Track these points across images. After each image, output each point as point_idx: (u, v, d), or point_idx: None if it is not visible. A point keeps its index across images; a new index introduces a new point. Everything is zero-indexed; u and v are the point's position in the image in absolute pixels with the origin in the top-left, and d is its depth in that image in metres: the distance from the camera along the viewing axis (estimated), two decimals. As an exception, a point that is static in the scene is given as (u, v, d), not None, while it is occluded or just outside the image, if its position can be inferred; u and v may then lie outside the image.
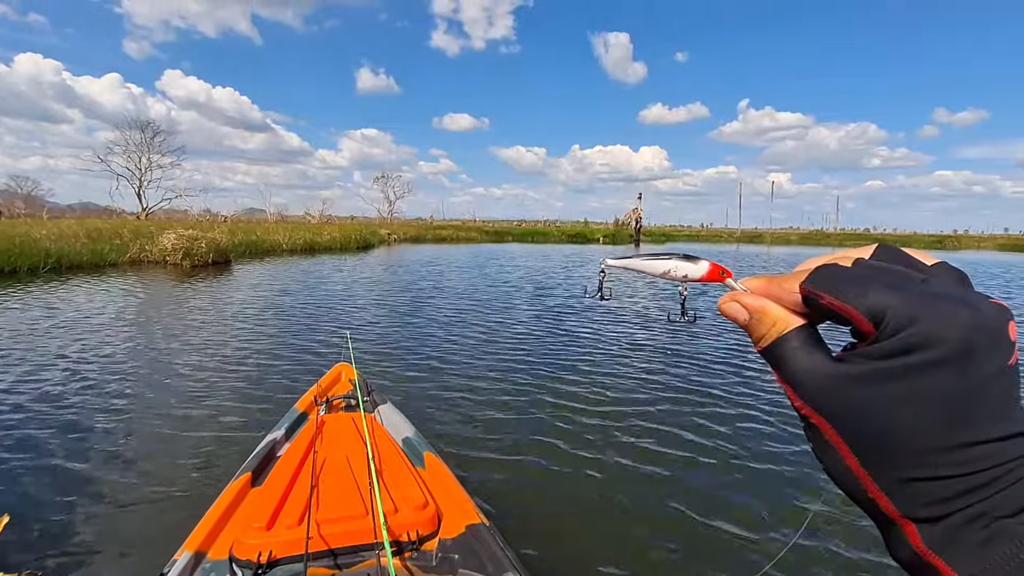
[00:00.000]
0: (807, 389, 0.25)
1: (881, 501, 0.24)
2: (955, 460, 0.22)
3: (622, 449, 3.43)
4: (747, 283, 0.30)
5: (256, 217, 47.36)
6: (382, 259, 19.97)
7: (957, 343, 0.22)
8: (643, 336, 7.15)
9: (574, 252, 27.36)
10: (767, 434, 3.67)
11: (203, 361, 5.27)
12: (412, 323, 7.57)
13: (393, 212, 56.17)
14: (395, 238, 33.17)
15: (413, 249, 26.89)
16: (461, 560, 1.58)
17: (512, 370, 5.24)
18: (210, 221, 27.50)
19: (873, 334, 0.23)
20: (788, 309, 0.27)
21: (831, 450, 0.25)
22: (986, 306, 0.23)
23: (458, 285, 12.12)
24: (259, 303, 8.93)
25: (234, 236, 18.98)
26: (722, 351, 6.15)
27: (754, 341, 0.28)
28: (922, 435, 0.22)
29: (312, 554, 1.49)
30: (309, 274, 13.86)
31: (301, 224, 33.50)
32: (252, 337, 6.38)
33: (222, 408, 4.01)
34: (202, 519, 1.68)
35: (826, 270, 0.26)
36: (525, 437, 3.61)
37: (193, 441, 3.43)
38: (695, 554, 2.38)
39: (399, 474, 1.92)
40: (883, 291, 0.23)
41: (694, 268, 0.33)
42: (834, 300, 0.24)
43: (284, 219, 44.33)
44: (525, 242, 38.56)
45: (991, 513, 0.22)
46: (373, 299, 9.72)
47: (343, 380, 2.99)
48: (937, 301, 0.23)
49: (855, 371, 0.24)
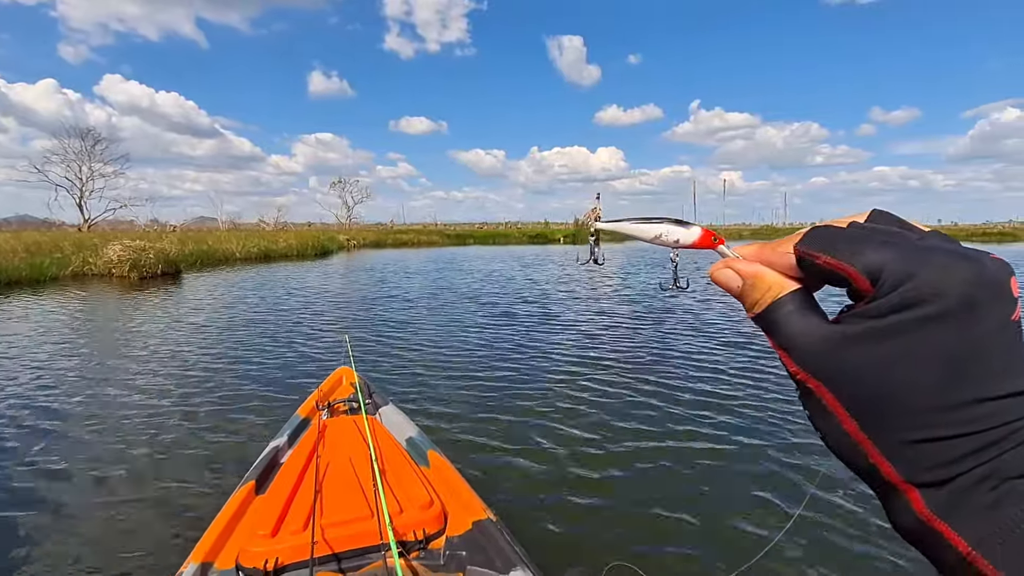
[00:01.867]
0: (802, 353, 0.25)
1: (882, 466, 0.23)
2: (958, 419, 0.21)
3: (627, 440, 3.46)
4: (740, 249, 0.29)
5: (207, 226, 45.65)
6: (343, 265, 19.69)
7: (957, 297, 0.21)
8: (640, 314, 7.34)
9: (540, 252, 27.63)
10: (765, 417, 3.78)
11: (162, 374, 5.15)
12: (386, 323, 7.56)
13: (352, 218, 55.35)
14: (355, 244, 32.65)
15: (374, 254, 26.57)
16: (469, 557, 1.57)
17: (507, 362, 5.33)
18: (158, 231, 26.40)
19: (870, 293, 0.23)
20: (782, 274, 0.27)
21: (828, 416, 0.24)
22: (986, 259, 0.22)
23: (434, 286, 12.12)
24: (219, 314, 8.71)
25: (184, 246, 18.34)
26: (719, 326, 6.35)
27: (747, 308, 0.28)
28: (923, 394, 0.22)
29: (318, 559, 1.48)
30: (265, 282, 13.55)
31: (255, 232, 32.52)
32: (217, 348, 6.25)
33: (222, 418, 3.98)
34: (207, 529, 1.67)
35: (821, 231, 0.25)
36: (530, 431, 3.65)
37: (194, 453, 3.40)
38: (701, 544, 2.40)
39: (403, 474, 1.92)
40: (879, 248, 0.23)
41: (685, 233, 0.32)
42: (830, 259, 0.24)
43: (237, 227, 42.94)
44: (487, 244, 38.68)
45: (998, 474, 0.21)
46: (350, 300, 9.66)
47: (344, 384, 2.98)
48: (935, 255, 0.22)
49: (851, 331, 0.23)
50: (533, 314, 8.44)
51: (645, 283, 10.39)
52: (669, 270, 0.36)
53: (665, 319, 7.15)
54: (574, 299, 10.07)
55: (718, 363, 5.17)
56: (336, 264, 20.24)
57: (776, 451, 3.25)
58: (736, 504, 2.70)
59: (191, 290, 12.12)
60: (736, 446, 3.35)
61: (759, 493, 2.79)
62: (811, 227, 0.26)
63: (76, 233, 25.06)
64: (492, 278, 14.32)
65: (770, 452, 3.24)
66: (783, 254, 0.26)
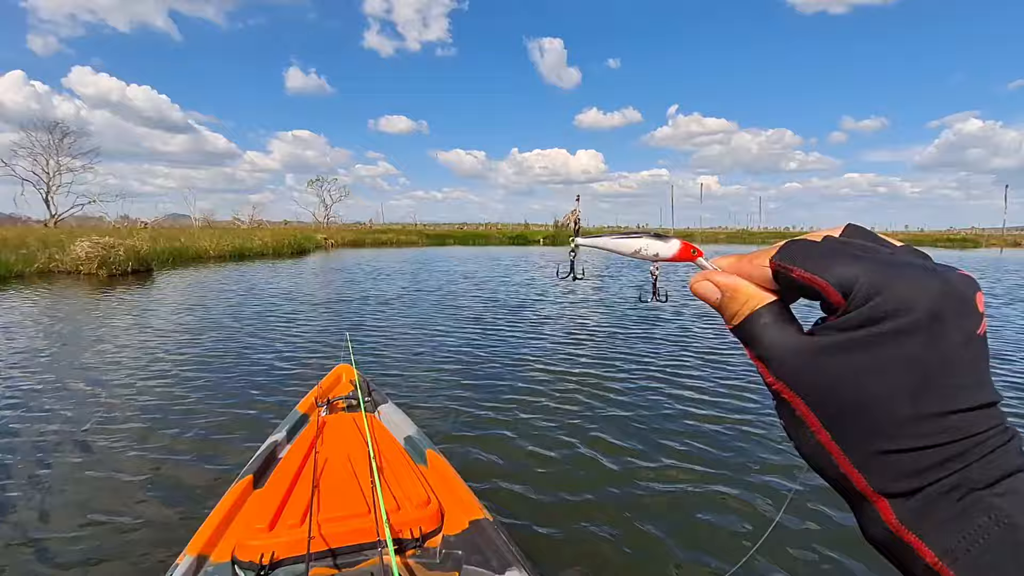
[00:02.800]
0: (778, 364, 0.25)
1: (853, 476, 0.24)
2: (926, 431, 0.22)
3: (625, 443, 3.52)
4: (718, 262, 0.30)
5: (180, 223, 44.67)
6: (321, 264, 19.48)
7: (925, 311, 0.22)
8: (625, 323, 7.50)
9: (521, 253, 27.74)
10: (750, 422, 3.85)
11: (158, 370, 5.10)
12: (375, 321, 7.52)
13: (330, 216, 54.64)
14: (332, 243, 32.26)
15: (352, 253, 26.31)
16: (465, 556, 1.57)
17: (508, 365, 5.38)
18: (128, 228, 25.75)
19: (843, 305, 0.23)
20: (759, 286, 0.27)
21: (802, 426, 0.25)
22: (954, 275, 0.23)
23: (421, 285, 12.08)
24: (199, 312, 8.56)
25: (156, 243, 17.94)
26: (698, 333, 6.53)
27: (726, 320, 0.28)
28: (893, 405, 0.22)
29: (314, 554, 1.48)
30: (243, 280, 13.32)
31: (230, 229, 31.93)
32: (203, 346, 6.17)
33: (217, 414, 3.98)
34: (204, 522, 1.67)
35: (795, 244, 0.26)
36: (528, 432, 3.69)
37: (190, 448, 3.39)
38: (695, 544, 2.46)
39: (401, 472, 1.93)
40: (851, 262, 0.23)
41: (665, 247, 0.33)
42: (804, 272, 0.24)
43: (211, 224, 42.08)
44: (467, 245, 38.59)
45: (965, 485, 0.22)
46: (334, 298, 9.61)
47: (344, 381, 2.98)
48: (905, 270, 0.22)
49: (825, 343, 0.24)
50: (529, 317, 8.50)
51: (625, 294, 10.56)
52: (648, 282, 0.37)
53: (650, 328, 7.32)
54: (568, 305, 10.22)
55: (705, 370, 5.25)
56: (314, 263, 20.00)
57: (758, 457, 3.31)
58: (725, 507, 2.75)
59: (166, 288, 11.85)
60: (722, 452, 3.41)
61: (744, 497, 2.84)
62: (787, 241, 0.26)
63: (42, 229, 24.29)
64: (481, 280, 14.36)
65: (753, 457, 3.30)
66: (759, 267, 0.27)
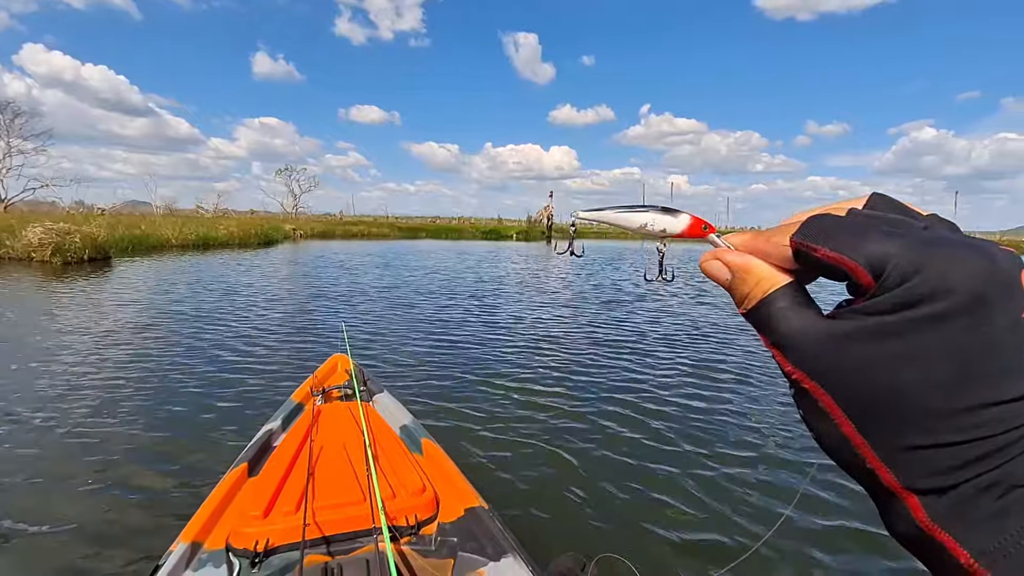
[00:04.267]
0: (797, 351, 0.23)
1: (881, 472, 0.22)
2: (964, 424, 0.20)
3: (620, 430, 3.55)
4: (731, 239, 0.28)
5: (140, 210, 42.96)
6: (290, 255, 19.05)
7: (967, 294, 0.20)
8: (628, 306, 7.49)
9: (496, 247, 27.73)
10: (757, 411, 3.90)
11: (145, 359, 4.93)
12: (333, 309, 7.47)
13: (298, 207, 53.46)
14: (301, 234, 31.60)
15: (321, 245, 25.84)
16: (460, 543, 1.58)
17: (504, 354, 5.42)
18: (84, 214, 24.63)
19: (873, 287, 0.21)
20: (775, 266, 0.25)
21: (825, 418, 0.23)
22: (998, 252, 0.21)
23: (401, 278, 11.98)
24: (158, 302, 8.29)
25: (114, 230, 17.23)
26: (707, 320, 6.63)
27: (737, 302, 0.27)
28: (927, 397, 0.20)
29: (309, 541, 1.48)
30: (209, 269, 12.94)
31: (194, 218, 30.91)
32: (171, 336, 5.98)
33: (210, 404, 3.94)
34: (198, 510, 1.66)
35: (819, 220, 0.24)
36: (525, 420, 3.72)
37: (183, 437, 3.36)
38: (689, 534, 2.45)
39: (396, 460, 1.93)
40: (883, 239, 0.21)
41: (673, 222, 0.31)
42: (829, 252, 0.22)
43: (173, 212, 40.65)
44: (440, 239, 38.31)
45: (1005, 482, 0.20)
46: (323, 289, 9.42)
47: (339, 370, 2.99)
48: (944, 248, 0.21)
49: (852, 328, 0.22)
50: (525, 307, 8.51)
51: (630, 274, 10.61)
52: (655, 259, 0.35)
53: (652, 311, 7.32)
54: (563, 291, 10.25)
55: (711, 357, 5.27)
56: (284, 254, 19.55)
57: (767, 446, 3.29)
58: (726, 499, 2.75)
59: (130, 277, 11.41)
60: (727, 441, 3.41)
61: (749, 489, 2.82)
62: (809, 216, 0.24)
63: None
64: (466, 272, 14.29)
65: (761, 447, 3.29)
66: (778, 245, 0.25)
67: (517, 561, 1.51)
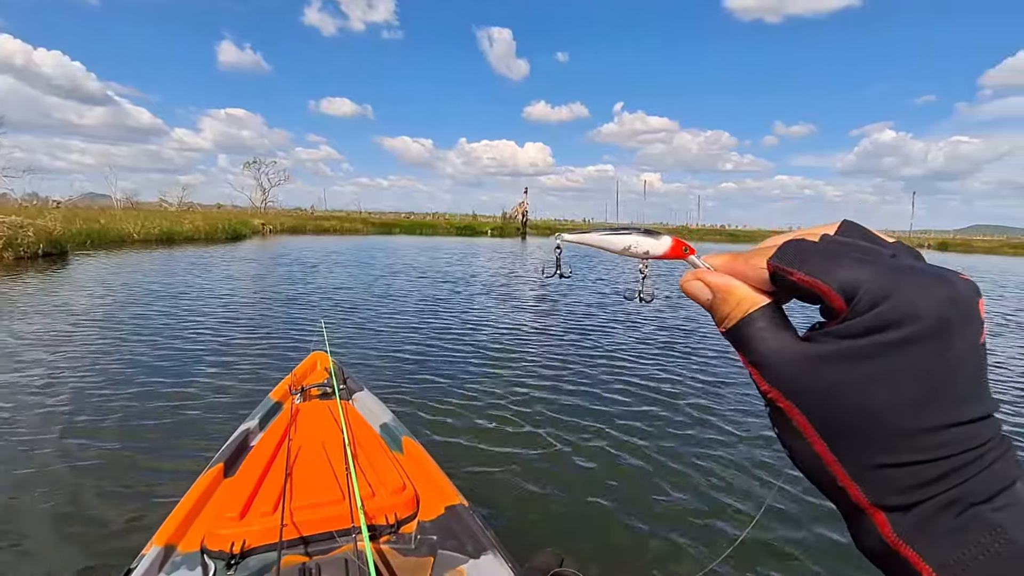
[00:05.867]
0: (774, 371, 0.24)
1: (851, 489, 0.23)
2: (929, 444, 0.21)
3: (596, 430, 3.58)
4: (710, 260, 0.29)
5: (99, 203, 41.12)
6: (258, 250, 18.54)
7: (933, 319, 0.21)
8: (608, 318, 7.62)
9: (471, 243, 27.57)
10: (728, 416, 3.92)
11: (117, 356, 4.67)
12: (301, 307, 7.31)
13: (268, 201, 52.06)
14: (270, 228, 30.85)
15: (292, 240, 25.24)
16: (440, 541, 1.58)
17: (486, 352, 5.38)
18: (38, 207, 23.45)
19: (844, 311, 0.22)
20: (753, 287, 0.26)
21: (798, 436, 0.24)
22: (959, 281, 0.22)
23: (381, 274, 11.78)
24: (118, 299, 7.95)
25: (71, 224, 16.46)
26: (683, 333, 6.72)
27: (717, 322, 0.27)
28: (896, 417, 0.21)
29: (287, 542, 1.47)
30: (175, 265, 12.48)
31: (157, 211, 29.80)
32: (140, 333, 5.73)
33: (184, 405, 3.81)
34: (172, 511, 1.62)
35: (794, 245, 0.25)
36: (506, 420, 3.72)
37: (156, 437, 3.26)
38: (661, 533, 2.47)
39: (376, 459, 1.92)
40: (855, 266, 0.22)
41: (656, 244, 0.32)
42: (804, 276, 0.23)
43: (135, 206, 39.10)
44: (414, 235, 37.89)
45: (965, 499, 0.21)
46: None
47: (318, 369, 2.95)
48: (911, 276, 0.22)
49: (825, 351, 0.23)
50: (507, 310, 8.49)
51: (610, 290, 10.76)
52: (637, 280, 0.35)
53: (632, 324, 7.42)
54: (539, 290, 10.34)
55: (687, 368, 5.30)
56: (253, 249, 19.04)
57: (739, 454, 3.33)
58: (699, 504, 2.77)
59: (87, 273, 10.91)
60: (701, 447, 3.43)
61: (721, 495, 2.84)
62: (785, 240, 0.25)
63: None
64: (445, 271, 14.15)
65: (733, 454, 3.32)
66: (755, 267, 0.26)
67: (497, 558, 1.52)
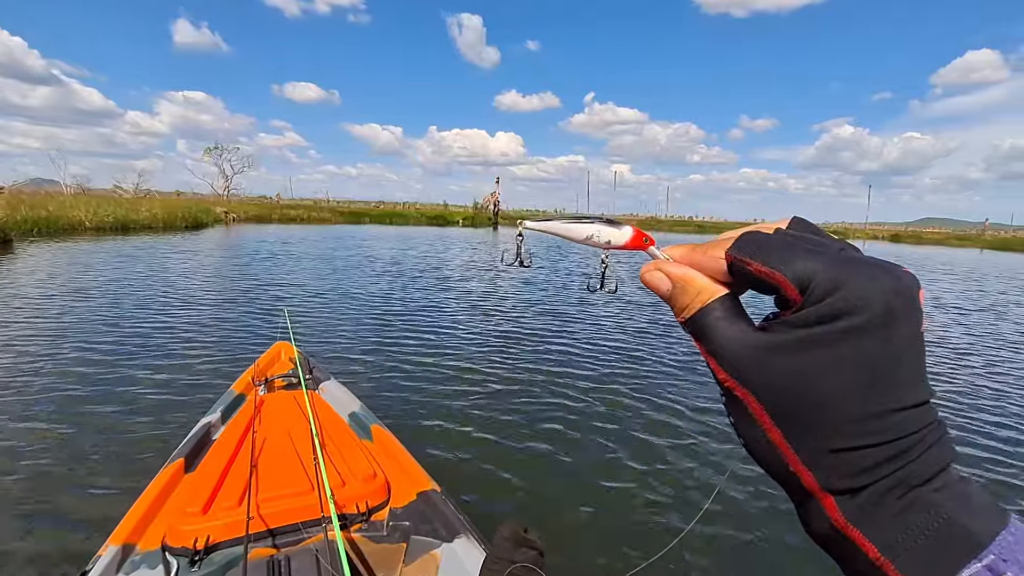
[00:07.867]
0: (731, 361, 0.25)
1: (803, 475, 0.24)
2: (876, 428, 0.22)
3: (561, 418, 3.64)
4: (670, 251, 0.29)
5: (47, 189, 38.93)
6: (223, 239, 17.86)
7: (881, 308, 0.22)
8: (570, 308, 7.67)
9: (441, 233, 27.23)
10: (686, 405, 3.96)
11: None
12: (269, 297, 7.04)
13: (230, 188, 50.25)
14: (233, 217, 29.78)
15: (257, 229, 24.41)
16: (413, 526, 1.58)
17: (454, 345, 5.30)
18: (-22, 192, 22.04)
19: (799, 301, 0.23)
20: (711, 278, 0.27)
21: (753, 424, 0.25)
22: (903, 273, 0.23)
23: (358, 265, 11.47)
24: (66, 289, 7.51)
25: (15, 211, 15.55)
26: (644, 323, 6.77)
27: (676, 312, 0.28)
28: (845, 403, 0.22)
29: (254, 535, 1.43)
30: (131, 254, 11.89)
31: (111, 198, 28.36)
32: (92, 323, 5.41)
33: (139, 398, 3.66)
34: (130, 510, 1.55)
35: (751, 237, 0.26)
36: (475, 405, 3.75)
37: (112, 435, 3.10)
38: (622, 519, 2.53)
39: (345, 448, 1.89)
40: (808, 257, 0.23)
41: (618, 234, 0.32)
42: (761, 267, 0.24)
43: (86, 192, 37.18)
44: (384, 224, 37.25)
45: (907, 482, 0.22)
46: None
47: (283, 359, 2.89)
48: (860, 267, 0.23)
49: (780, 340, 0.23)
50: (471, 298, 8.40)
51: (574, 281, 10.82)
52: (597, 270, 0.34)
53: (593, 315, 7.45)
54: (507, 279, 10.31)
55: (648, 357, 5.35)
56: (214, 238, 18.32)
57: (687, 447, 3.35)
58: (656, 487, 2.82)
59: (34, 262, 10.30)
60: (655, 438, 3.44)
61: (669, 487, 2.86)
62: (742, 233, 0.26)
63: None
64: (415, 259, 13.93)
65: (682, 447, 3.34)
66: (714, 258, 0.26)
67: (470, 540, 1.53)
